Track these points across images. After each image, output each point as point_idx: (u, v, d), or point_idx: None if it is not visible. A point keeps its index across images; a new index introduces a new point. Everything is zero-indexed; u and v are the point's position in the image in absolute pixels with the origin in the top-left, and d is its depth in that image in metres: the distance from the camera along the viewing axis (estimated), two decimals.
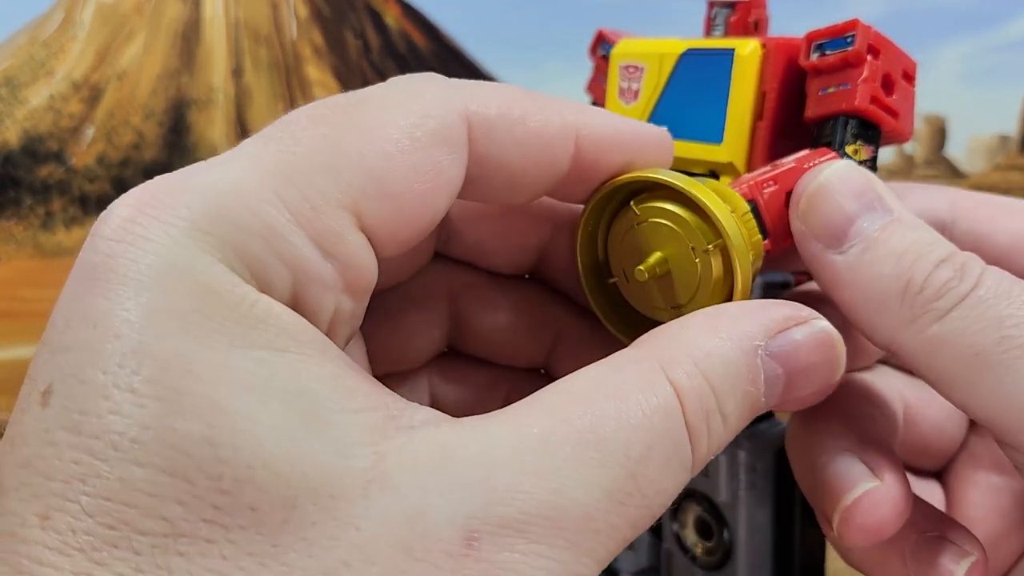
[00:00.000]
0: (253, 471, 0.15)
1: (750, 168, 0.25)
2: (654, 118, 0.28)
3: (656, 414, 0.16)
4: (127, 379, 0.15)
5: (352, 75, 0.60)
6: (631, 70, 0.29)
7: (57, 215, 0.61)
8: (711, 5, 0.29)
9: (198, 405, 0.15)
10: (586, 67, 0.31)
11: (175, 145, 0.60)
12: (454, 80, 0.20)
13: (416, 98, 0.19)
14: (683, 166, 0.25)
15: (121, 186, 0.60)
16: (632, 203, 0.22)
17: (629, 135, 0.22)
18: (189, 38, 0.59)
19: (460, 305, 0.24)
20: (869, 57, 0.24)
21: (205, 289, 0.16)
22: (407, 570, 0.15)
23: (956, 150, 0.65)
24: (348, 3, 0.59)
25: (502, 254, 0.24)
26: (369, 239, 0.18)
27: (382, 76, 0.61)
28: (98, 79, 0.60)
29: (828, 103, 0.25)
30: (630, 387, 0.17)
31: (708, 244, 0.20)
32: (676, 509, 0.31)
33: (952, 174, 0.66)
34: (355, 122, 0.18)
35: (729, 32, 0.28)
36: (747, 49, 0.26)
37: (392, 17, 0.60)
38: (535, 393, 0.17)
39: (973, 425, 0.28)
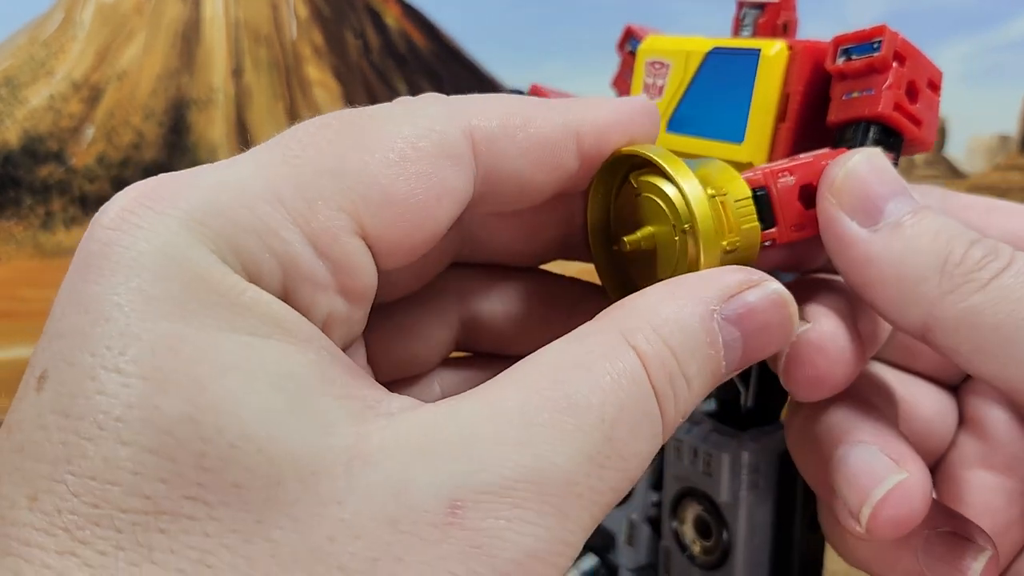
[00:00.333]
0: (236, 449, 0.15)
1: None
2: (677, 115, 0.28)
3: (623, 378, 0.17)
4: (114, 360, 0.15)
5: (352, 75, 0.60)
6: (657, 66, 0.29)
7: (57, 215, 0.61)
8: (740, 5, 0.29)
9: (182, 385, 0.15)
10: (586, 67, 0.32)
11: (175, 145, 0.60)
12: (456, 97, 0.20)
13: (420, 113, 0.19)
14: None
15: (121, 186, 0.60)
16: (631, 176, 0.22)
17: (620, 115, 0.22)
18: (189, 38, 0.59)
19: (470, 306, 0.24)
20: (895, 64, 0.24)
21: (195, 276, 0.16)
22: (392, 542, 0.15)
23: (956, 150, 0.65)
24: (348, 3, 0.59)
25: (526, 251, 0.24)
26: (369, 246, 0.18)
27: (382, 76, 0.61)
28: (98, 79, 0.60)
29: (852, 108, 0.25)
30: (595, 355, 0.17)
31: (685, 224, 0.21)
32: (676, 507, 0.31)
33: (952, 174, 0.66)
34: (361, 132, 0.19)
35: (758, 33, 0.28)
36: (773, 50, 0.26)
37: (392, 17, 0.60)
38: (506, 371, 0.17)
39: (963, 423, 0.28)
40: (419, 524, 0.15)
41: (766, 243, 0.22)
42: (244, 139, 0.60)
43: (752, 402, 0.30)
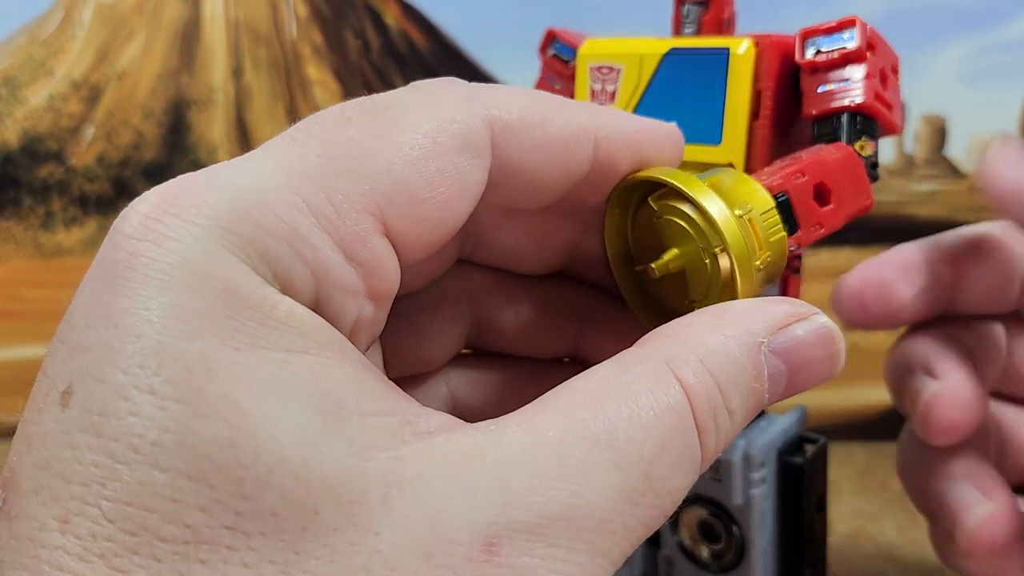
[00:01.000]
0: (273, 475, 0.14)
1: (749, 168, 0.25)
2: None
3: (667, 413, 0.16)
4: (147, 380, 0.15)
5: (352, 75, 0.60)
6: (605, 71, 0.28)
7: (57, 215, 0.61)
8: (680, 2, 0.28)
9: (219, 407, 0.15)
10: None
11: (175, 145, 0.60)
12: (475, 84, 0.20)
13: (439, 103, 0.19)
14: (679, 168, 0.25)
15: (121, 186, 0.60)
16: (650, 199, 0.22)
17: (644, 134, 0.22)
18: (189, 38, 0.59)
19: (481, 305, 0.24)
20: (869, 54, 0.25)
21: (227, 289, 0.15)
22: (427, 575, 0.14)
23: (956, 150, 0.65)
24: (348, 3, 0.59)
25: (531, 257, 0.24)
26: (393, 244, 0.18)
27: (382, 76, 0.60)
28: (98, 79, 0.60)
29: (831, 99, 0.25)
30: (639, 387, 0.17)
31: (715, 247, 0.21)
32: (675, 518, 0.31)
33: (952, 174, 0.66)
34: (380, 126, 0.18)
35: (702, 30, 0.28)
36: (741, 48, 0.25)
37: (392, 17, 0.59)
38: (547, 394, 0.17)
39: None
40: (454, 558, 0.15)
41: (792, 247, 0.22)
42: (244, 139, 0.60)
43: None
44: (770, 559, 0.31)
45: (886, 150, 0.63)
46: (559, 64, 0.30)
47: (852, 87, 0.25)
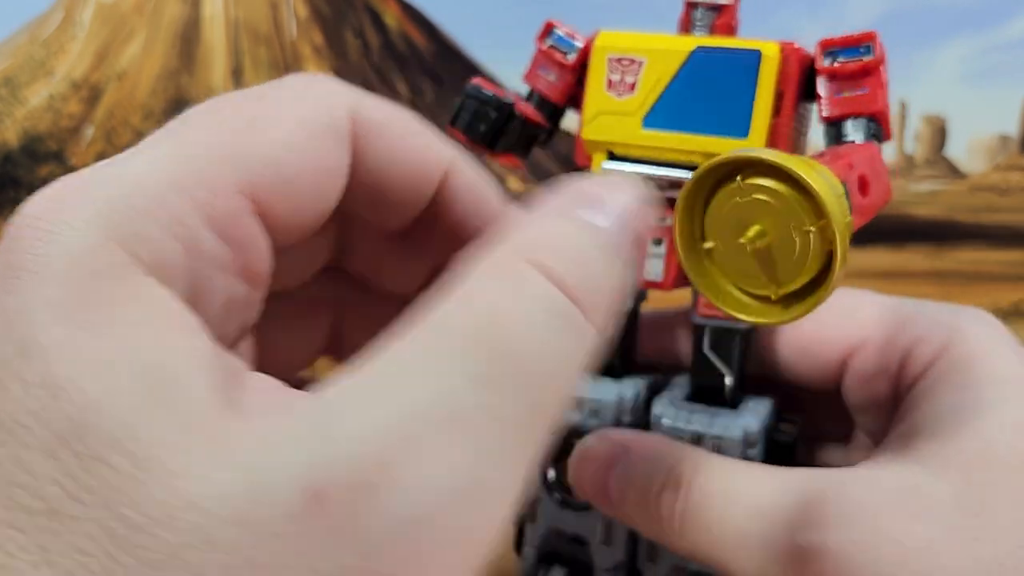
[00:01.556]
0: (109, 449, 0.15)
1: None
2: (656, 109, 0.29)
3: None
4: (18, 368, 0.16)
5: (352, 75, 0.60)
6: (626, 63, 0.30)
7: None
8: (691, 5, 0.30)
9: (67, 389, 0.16)
10: None
11: None
12: (350, 86, 0.21)
13: (308, 92, 0.20)
14: (701, 158, 0.26)
15: None
16: (739, 177, 0.23)
17: (485, 183, 0.23)
18: (189, 38, 0.59)
19: (343, 316, 0.25)
20: (881, 67, 0.28)
21: (94, 275, 0.16)
22: (246, 546, 0.15)
23: (956, 150, 0.65)
24: (348, 3, 0.59)
25: (391, 278, 0.25)
26: (265, 224, 0.19)
27: (382, 76, 0.61)
28: (97, 79, 0.60)
29: (849, 105, 0.28)
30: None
31: (810, 225, 0.22)
32: None
33: (952, 174, 0.66)
34: (249, 113, 0.19)
35: (714, 32, 0.30)
36: (772, 51, 0.28)
37: (392, 17, 0.60)
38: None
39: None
40: (274, 521, 0.15)
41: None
42: None
43: (735, 383, 0.32)
44: None
45: (886, 149, 0.64)
46: (557, 54, 0.31)
47: (869, 95, 0.28)
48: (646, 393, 0.32)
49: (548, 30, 0.31)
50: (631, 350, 0.33)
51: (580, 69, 0.31)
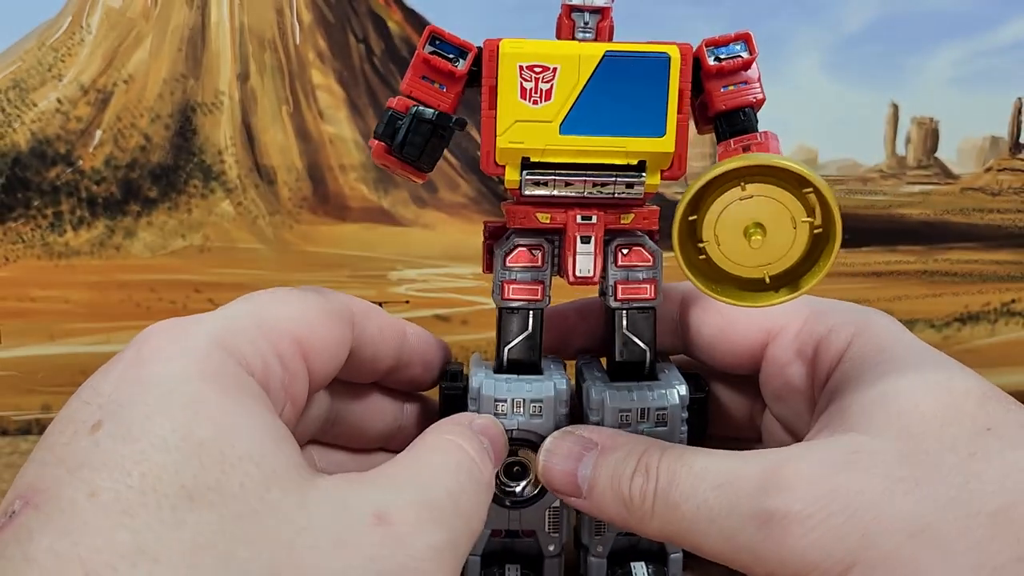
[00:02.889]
0: (242, 460, 0.23)
1: (677, 155, 0.31)
2: (573, 115, 0.30)
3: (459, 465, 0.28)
4: (163, 411, 0.23)
5: (355, 79, 0.61)
6: (537, 70, 0.30)
7: (65, 216, 0.62)
8: (573, 10, 0.31)
9: (209, 416, 0.23)
10: None
11: (181, 148, 0.61)
12: (337, 292, 0.33)
13: (326, 293, 0.32)
14: (623, 159, 0.29)
15: (128, 188, 0.61)
16: (742, 182, 0.27)
17: (432, 340, 0.37)
18: (195, 43, 0.60)
19: (335, 407, 0.35)
20: (755, 62, 0.31)
21: (215, 365, 0.25)
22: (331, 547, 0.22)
23: (947, 152, 0.66)
24: (351, 8, 0.60)
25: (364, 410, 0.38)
26: (308, 368, 0.30)
27: (384, 80, 0.62)
28: (105, 83, 0.61)
29: (735, 98, 0.31)
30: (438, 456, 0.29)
31: (805, 217, 0.27)
32: None
33: (943, 176, 0.67)
34: (294, 295, 0.30)
35: (599, 36, 0.31)
36: (677, 54, 0.30)
37: (395, 22, 0.61)
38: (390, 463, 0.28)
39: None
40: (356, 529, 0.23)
41: None
42: (249, 142, 0.61)
43: (654, 356, 0.34)
44: None
45: (878, 151, 0.65)
46: (443, 62, 0.32)
47: (752, 87, 0.31)
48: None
49: (429, 37, 0.32)
50: (541, 348, 0.35)
51: (468, 77, 0.31)
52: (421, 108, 0.31)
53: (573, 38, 0.31)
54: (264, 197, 0.62)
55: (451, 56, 0.31)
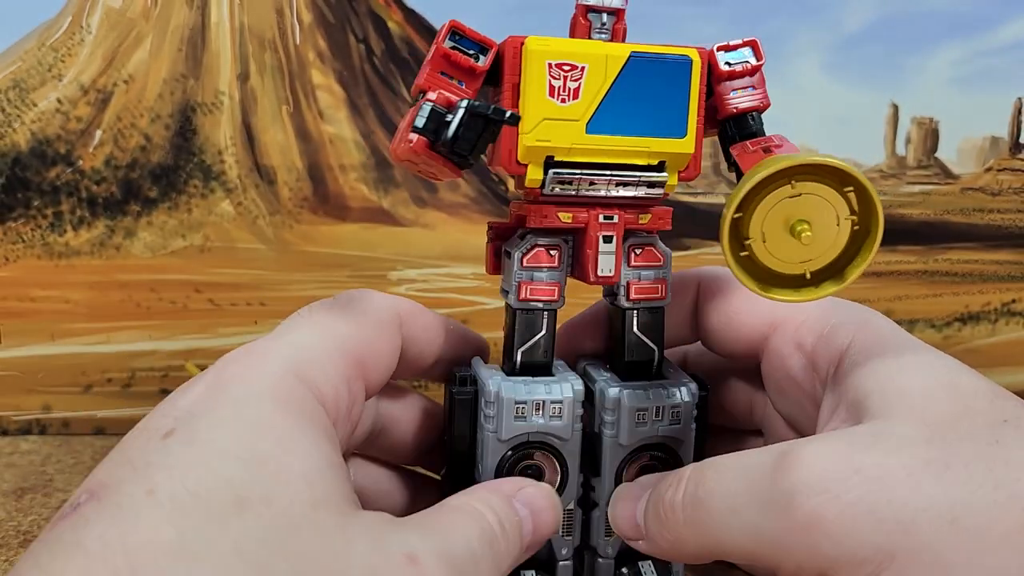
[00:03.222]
0: (294, 481, 0.25)
1: (695, 157, 0.32)
2: (599, 115, 0.30)
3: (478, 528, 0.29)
4: (229, 427, 0.25)
5: (355, 79, 0.61)
6: (566, 68, 0.30)
7: (65, 216, 0.62)
8: (589, 10, 0.31)
9: (272, 440, 0.25)
10: None
11: (181, 148, 0.62)
12: (388, 295, 0.34)
13: (376, 300, 0.33)
14: (646, 158, 0.30)
15: (128, 188, 0.61)
16: (793, 181, 0.28)
17: (473, 340, 0.38)
18: (195, 43, 0.60)
19: (382, 418, 0.37)
20: (762, 67, 0.32)
21: (287, 392, 0.27)
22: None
23: (947, 152, 0.66)
24: (351, 8, 0.60)
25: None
26: (365, 386, 0.31)
27: (384, 80, 0.62)
28: (105, 83, 0.61)
29: (746, 101, 0.32)
30: (466, 514, 0.29)
31: (848, 215, 0.28)
32: (623, 468, 0.34)
33: (944, 175, 0.67)
34: (350, 317, 0.32)
35: (614, 37, 0.31)
36: (697, 57, 0.31)
37: (395, 22, 0.61)
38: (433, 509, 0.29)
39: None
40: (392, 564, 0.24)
41: None
42: (250, 142, 0.61)
43: (662, 356, 0.34)
44: None
45: (878, 151, 0.65)
46: (463, 58, 0.31)
47: (759, 92, 0.32)
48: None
49: (449, 31, 0.31)
50: (552, 348, 0.35)
51: (489, 73, 0.31)
52: (473, 102, 0.30)
53: (589, 38, 0.31)
54: (264, 197, 0.62)
55: (472, 52, 0.31)
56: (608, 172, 0.31)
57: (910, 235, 0.65)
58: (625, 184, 0.31)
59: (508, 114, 0.30)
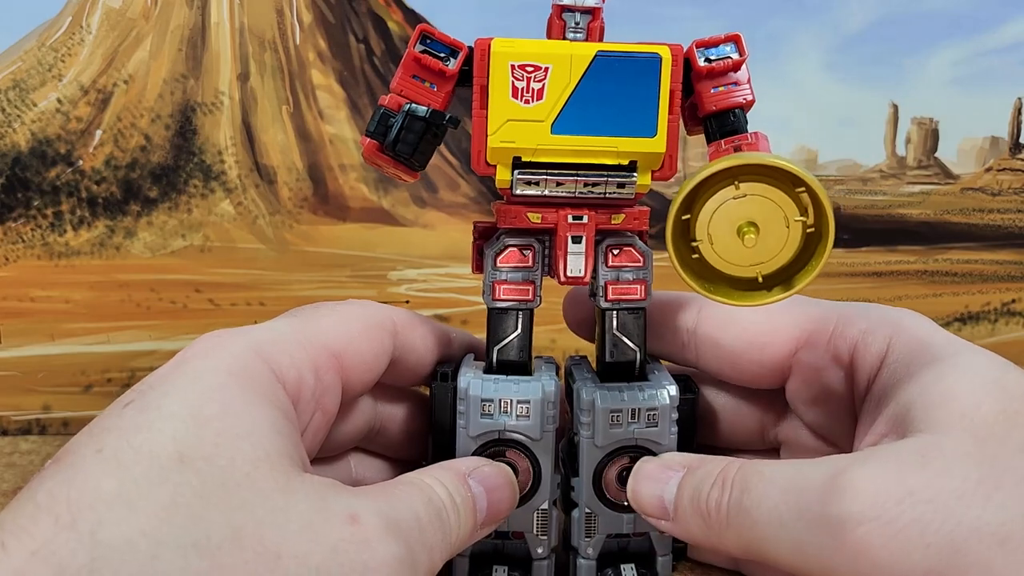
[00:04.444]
0: (236, 440, 0.25)
1: (667, 155, 0.30)
2: (564, 115, 0.30)
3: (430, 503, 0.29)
4: (189, 403, 0.26)
5: (355, 79, 0.61)
6: (529, 69, 0.30)
7: (65, 216, 0.62)
8: (564, 10, 0.31)
9: (219, 404, 0.26)
10: None
11: (182, 148, 0.62)
12: (382, 305, 0.35)
13: (367, 305, 0.34)
14: (614, 158, 0.29)
15: (129, 187, 0.61)
16: (736, 181, 0.27)
17: (479, 348, 0.38)
18: (195, 43, 0.60)
19: (379, 417, 0.38)
20: (744, 63, 0.31)
21: (248, 369, 0.28)
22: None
23: (947, 152, 0.66)
24: (351, 9, 0.60)
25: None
26: (342, 381, 0.32)
27: (384, 80, 0.62)
28: (105, 83, 0.61)
29: (725, 99, 0.31)
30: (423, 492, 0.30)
31: (798, 216, 0.27)
32: (602, 469, 0.34)
33: (944, 175, 0.67)
34: (337, 314, 0.32)
35: (590, 36, 0.31)
36: (668, 55, 0.30)
37: (395, 22, 0.61)
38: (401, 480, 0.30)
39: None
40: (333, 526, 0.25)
41: None
42: (250, 142, 0.61)
43: (641, 356, 0.34)
44: None
45: (878, 151, 0.65)
46: (433, 61, 0.31)
47: (741, 88, 0.31)
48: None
49: (419, 36, 0.31)
50: (530, 347, 0.35)
51: (458, 76, 0.31)
52: (414, 106, 0.31)
53: (564, 38, 0.31)
54: (264, 197, 0.62)
55: (442, 55, 0.31)
56: (574, 172, 0.31)
57: (910, 235, 0.65)
58: (593, 184, 0.31)
59: (447, 117, 0.30)
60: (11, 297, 0.63)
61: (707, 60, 0.31)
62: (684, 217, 0.28)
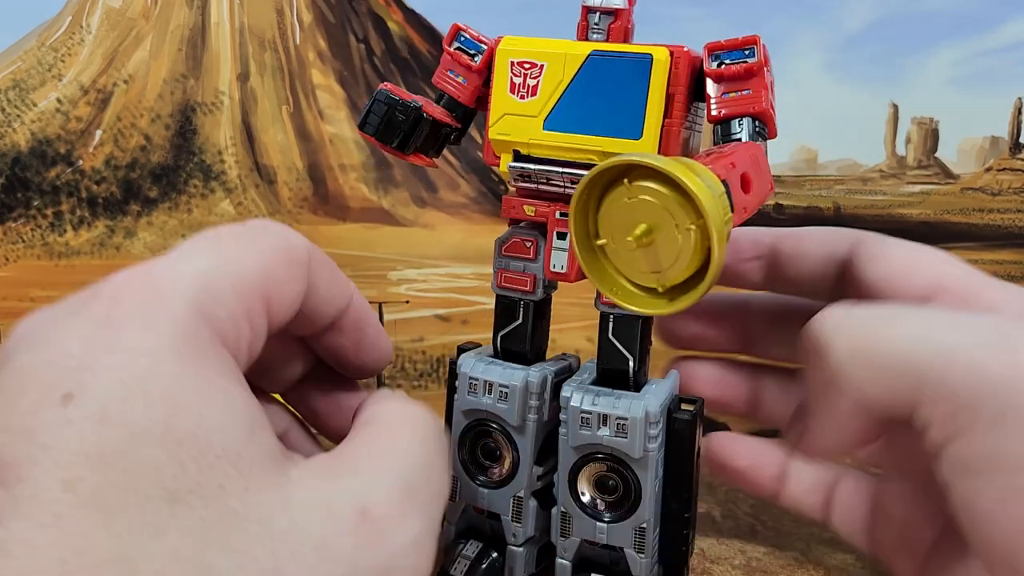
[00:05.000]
0: (220, 462, 0.21)
1: None
2: (556, 112, 0.30)
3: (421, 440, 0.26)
4: (139, 389, 0.21)
5: (355, 79, 0.61)
6: (526, 66, 0.31)
7: (65, 216, 0.62)
8: (588, 10, 0.31)
9: (189, 408, 0.21)
10: None
11: (181, 148, 0.62)
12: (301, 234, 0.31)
13: (287, 236, 0.29)
14: (599, 158, 0.28)
15: (129, 187, 0.61)
16: (626, 180, 0.25)
17: (374, 330, 0.32)
18: (195, 43, 0.60)
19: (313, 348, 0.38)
20: (764, 69, 0.29)
21: (194, 338, 0.23)
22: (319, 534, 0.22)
23: (948, 152, 0.66)
24: (351, 9, 0.60)
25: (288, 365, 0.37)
26: (268, 320, 0.27)
27: (384, 80, 0.62)
28: (105, 83, 0.61)
29: (736, 105, 0.29)
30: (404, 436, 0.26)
31: (690, 223, 0.24)
32: (577, 470, 0.34)
33: (944, 175, 0.67)
34: (262, 240, 0.28)
35: (610, 37, 0.31)
36: (662, 55, 0.29)
37: (394, 22, 0.61)
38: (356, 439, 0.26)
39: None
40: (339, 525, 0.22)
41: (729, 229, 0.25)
42: (249, 141, 0.61)
43: (638, 366, 0.33)
44: (656, 503, 0.34)
45: (878, 151, 0.65)
46: (464, 57, 0.32)
47: (753, 96, 0.29)
48: (554, 377, 0.34)
49: (455, 33, 0.32)
50: (542, 339, 0.34)
51: (486, 71, 0.32)
52: (387, 91, 0.32)
53: (587, 39, 0.31)
54: (264, 197, 0.62)
55: (472, 52, 0.32)
56: (562, 169, 0.32)
57: (910, 235, 0.65)
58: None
59: (411, 104, 0.31)
60: (11, 297, 0.63)
61: (720, 64, 0.30)
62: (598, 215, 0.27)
